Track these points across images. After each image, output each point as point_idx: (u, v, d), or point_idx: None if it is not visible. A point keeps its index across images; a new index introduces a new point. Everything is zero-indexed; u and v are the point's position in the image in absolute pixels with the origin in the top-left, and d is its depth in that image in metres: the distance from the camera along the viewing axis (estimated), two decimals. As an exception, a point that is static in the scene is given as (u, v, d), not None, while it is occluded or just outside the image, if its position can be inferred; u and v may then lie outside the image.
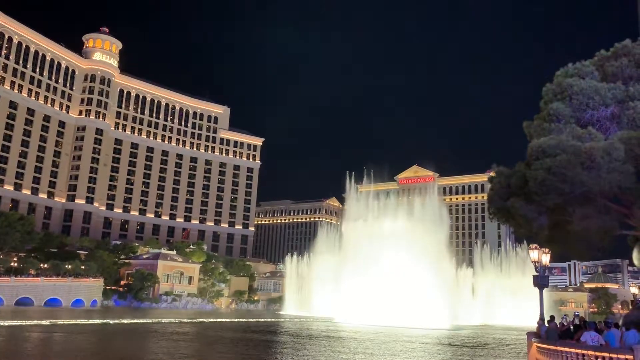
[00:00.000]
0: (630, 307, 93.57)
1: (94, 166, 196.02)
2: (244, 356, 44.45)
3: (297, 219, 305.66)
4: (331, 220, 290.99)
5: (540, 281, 29.55)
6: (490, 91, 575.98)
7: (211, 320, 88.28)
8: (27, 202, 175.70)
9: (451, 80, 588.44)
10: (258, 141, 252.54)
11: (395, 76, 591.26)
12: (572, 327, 25.73)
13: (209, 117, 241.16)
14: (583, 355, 20.07)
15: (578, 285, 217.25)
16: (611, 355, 19.27)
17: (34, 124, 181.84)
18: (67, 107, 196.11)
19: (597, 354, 19.69)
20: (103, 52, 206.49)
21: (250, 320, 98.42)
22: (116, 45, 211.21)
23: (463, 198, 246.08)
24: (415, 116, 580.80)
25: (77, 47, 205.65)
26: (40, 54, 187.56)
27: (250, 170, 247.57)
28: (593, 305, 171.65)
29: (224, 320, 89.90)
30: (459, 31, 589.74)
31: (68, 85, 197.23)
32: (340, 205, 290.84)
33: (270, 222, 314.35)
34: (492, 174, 42.00)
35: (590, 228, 33.73)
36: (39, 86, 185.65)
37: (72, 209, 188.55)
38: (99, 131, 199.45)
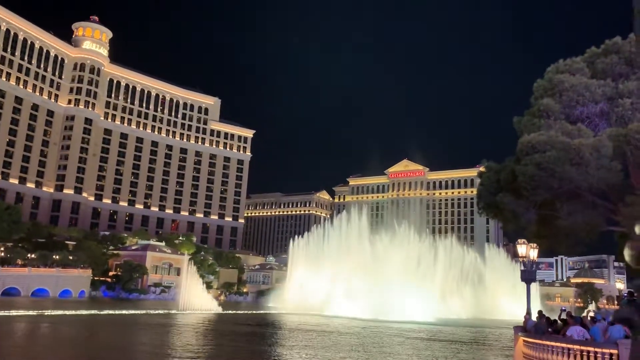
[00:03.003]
0: (616, 302, 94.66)
1: (82, 156, 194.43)
2: (233, 348, 44.49)
3: (287, 211, 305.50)
4: (321, 213, 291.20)
5: (528, 276, 29.75)
6: (480, 86, 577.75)
7: (199, 311, 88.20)
8: (15, 191, 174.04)
9: (441, 76, 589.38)
10: (249, 133, 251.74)
11: (387, 68, 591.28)
12: (559, 321, 25.97)
13: (199, 108, 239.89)
14: (569, 349, 20.29)
15: (565, 280, 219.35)
16: (596, 349, 19.49)
17: (22, 113, 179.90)
18: (56, 96, 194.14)
19: (583, 348, 19.91)
20: (93, 41, 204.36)
21: (239, 312, 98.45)
22: (106, 34, 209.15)
23: (452, 192, 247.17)
24: (407, 111, 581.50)
25: (66, 36, 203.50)
26: (29, 42, 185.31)
27: (240, 162, 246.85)
28: (579, 300, 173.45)
29: (213, 312, 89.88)
30: (442, 29, 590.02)
31: (57, 74, 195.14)
32: (331, 199, 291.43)
33: (260, 214, 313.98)
34: (481, 169, 42.23)
35: (577, 223, 34.04)
36: (27, 74, 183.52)
37: (60, 199, 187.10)
38: (88, 121, 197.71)
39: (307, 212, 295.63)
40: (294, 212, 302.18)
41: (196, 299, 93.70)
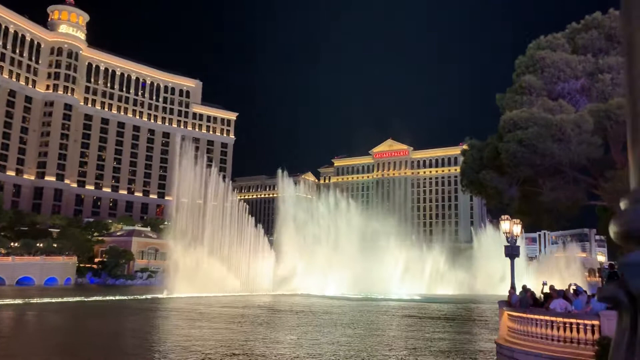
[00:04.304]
0: (597, 274, 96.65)
1: (63, 142, 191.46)
2: (220, 330, 44.69)
3: (273, 194, 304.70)
4: (307, 195, 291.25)
5: (512, 251, 30.16)
6: (462, 65, 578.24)
7: (187, 295, 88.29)
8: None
9: (422, 55, 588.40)
10: (232, 116, 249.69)
11: (371, 47, 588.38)
12: (542, 295, 26.47)
13: (181, 91, 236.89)
14: (552, 322, 20.70)
15: (547, 254, 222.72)
16: (578, 321, 19.91)
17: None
18: (34, 81, 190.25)
19: (565, 320, 20.33)
20: (69, 25, 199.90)
21: (227, 295, 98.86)
22: (83, 17, 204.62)
23: (437, 171, 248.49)
24: (390, 90, 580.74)
25: (42, 20, 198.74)
26: (3, 27, 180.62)
27: (224, 145, 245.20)
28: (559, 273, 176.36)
29: (200, 295, 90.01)
30: (423, 5, 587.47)
31: (34, 59, 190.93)
32: (316, 180, 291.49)
33: (246, 197, 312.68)
34: (464, 147, 42.49)
35: (559, 199, 34.52)
36: (2, 60, 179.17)
37: (42, 187, 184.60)
38: (68, 106, 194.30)
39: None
40: (279, 195, 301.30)
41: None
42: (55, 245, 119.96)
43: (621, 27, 2.80)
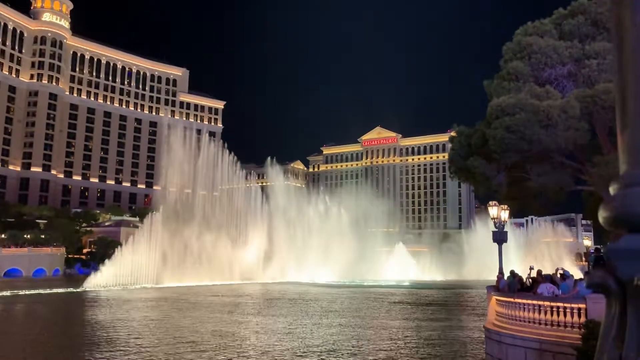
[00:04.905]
0: (584, 258, 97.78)
1: (49, 132, 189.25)
2: (209, 318, 44.76)
3: (262, 182, 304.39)
4: (296, 183, 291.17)
5: (500, 237, 30.42)
6: (450, 50, 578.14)
7: (175, 285, 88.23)
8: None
9: (412, 42, 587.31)
10: (219, 104, 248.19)
11: (359, 32, 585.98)
12: (530, 280, 26.74)
13: (167, 79, 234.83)
14: (539, 306, 20.95)
15: (535, 239, 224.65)
16: (565, 304, 20.17)
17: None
18: (17, 71, 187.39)
19: (552, 304, 20.58)
20: (53, 13, 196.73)
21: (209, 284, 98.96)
22: (66, 5, 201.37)
23: (425, 158, 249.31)
24: (379, 78, 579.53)
25: (24, 8, 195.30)
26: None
27: (212, 134, 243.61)
28: (547, 258, 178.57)
29: (190, 285, 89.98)
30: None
31: (17, 48, 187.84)
32: (305, 168, 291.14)
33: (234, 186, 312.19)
34: (453, 133, 42.62)
35: (547, 184, 34.81)
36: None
37: (28, 177, 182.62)
38: (53, 96, 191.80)
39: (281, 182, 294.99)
40: (268, 183, 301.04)
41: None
42: (42, 236, 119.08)
43: (610, 10, 2.77)
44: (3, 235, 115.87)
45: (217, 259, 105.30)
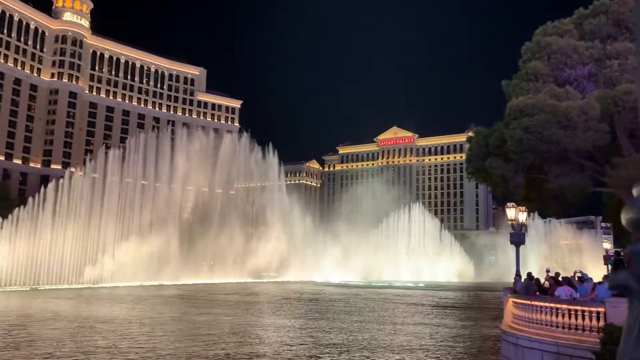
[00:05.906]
0: (603, 261, 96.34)
1: (69, 130, 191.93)
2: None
3: (287, 180, 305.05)
4: (312, 182, 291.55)
5: (517, 239, 30.15)
6: (470, 51, 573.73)
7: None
8: (2, 168, 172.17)
9: (429, 43, 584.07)
10: (236, 103, 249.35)
11: (377, 33, 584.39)
12: (547, 282, 26.46)
13: (185, 79, 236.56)
14: (557, 309, 20.71)
15: (553, 242, 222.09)
16: (583, 308, 19.91)
17: (5, 88, 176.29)
18: (39, 69, 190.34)
19: (570, 307, 20.33)
20: (73, 12, 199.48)
21: (232, 282, 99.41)
22: (87, 4, 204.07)
23: (442, 158, 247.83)
24: (396, 78, 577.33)
25: (46, 7, 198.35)
26: (8, 15, 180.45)
27: (229, 133, 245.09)
28: (567, 261, 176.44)
29: (206, 282, 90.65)
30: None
31: (38, 47, 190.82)
32: (321, 168, 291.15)
33: (250, 185, 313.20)
34: (470, 134, 42.31)
35: (565, 186, 34.36)
36: (7, 48, 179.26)
37: (48, 175, 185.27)
38: (73, 94, 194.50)
39: (297, 181, 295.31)
40: (284, 182, 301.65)
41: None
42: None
43: (632, 10, 2.75)
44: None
45: (232, 256, 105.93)
